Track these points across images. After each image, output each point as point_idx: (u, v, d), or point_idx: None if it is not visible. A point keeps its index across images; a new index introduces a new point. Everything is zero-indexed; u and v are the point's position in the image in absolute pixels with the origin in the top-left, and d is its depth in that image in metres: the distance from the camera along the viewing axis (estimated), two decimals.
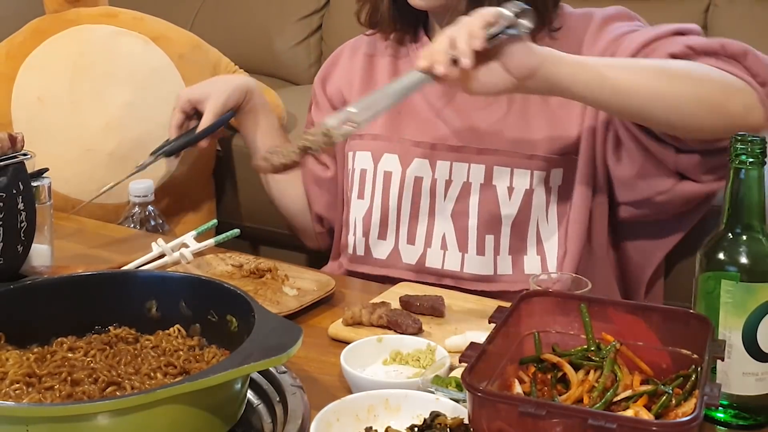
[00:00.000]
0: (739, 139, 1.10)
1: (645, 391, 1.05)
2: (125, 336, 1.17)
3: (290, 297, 1.45)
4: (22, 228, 1.42)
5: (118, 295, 1.21)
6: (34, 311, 1.17)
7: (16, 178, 1.40)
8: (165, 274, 1.34)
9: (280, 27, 3.21)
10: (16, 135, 1.43)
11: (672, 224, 1.63)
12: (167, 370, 1.09)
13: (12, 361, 1.09)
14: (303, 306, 1.41)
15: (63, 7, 2.47)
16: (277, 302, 1.42)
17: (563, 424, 0.93)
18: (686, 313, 1.13)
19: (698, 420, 0.92)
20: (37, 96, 2.29)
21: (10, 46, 2.40)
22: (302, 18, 3.21)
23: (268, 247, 2.60)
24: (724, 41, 1.50)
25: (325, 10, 3.23)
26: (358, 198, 1.72)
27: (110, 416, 0.93)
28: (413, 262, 1.66)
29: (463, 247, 1.63)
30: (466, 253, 1.62)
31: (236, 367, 0.97)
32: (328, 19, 3.20)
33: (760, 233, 1.11)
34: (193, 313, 1.19)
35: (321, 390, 1.19)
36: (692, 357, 1.09)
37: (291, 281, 1.50)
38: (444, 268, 1.64)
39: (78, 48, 2.36)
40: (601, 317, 1.15)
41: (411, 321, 1.33)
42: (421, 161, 1.65)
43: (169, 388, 0.95)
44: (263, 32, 3.21)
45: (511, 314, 1.13)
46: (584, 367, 1.09)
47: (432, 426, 1.02)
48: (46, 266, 1.55)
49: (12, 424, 0.93)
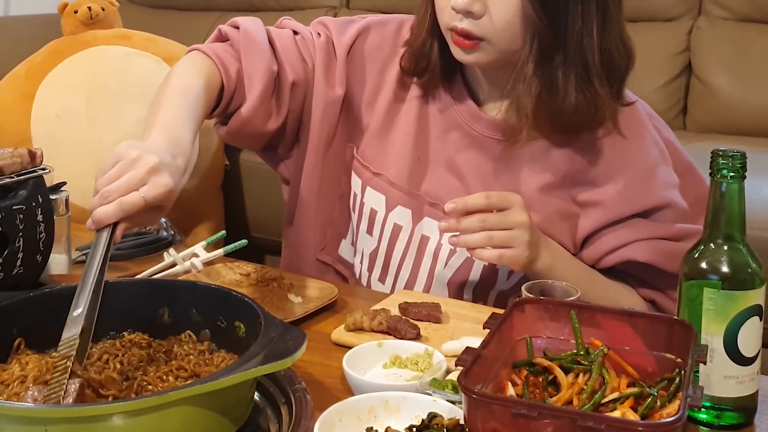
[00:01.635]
0: (720, 154, 1.10)
1: (631, 393, 1.05)
2: (139, 341, 1.17)
3: (295, 304, 1.44)
4: (41, 238, 1.42)
5: (132, 302, 1.20)
6: (53, 317, 1.16)
7: (36, 191, 1.40)
8: (177, 283, 1.34)
9: None
10: (35, 150, 1.43)
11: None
12: (178, 374, 1.09)
13: (31, 365, 1.08)
14: (307, 312, 1.41)
15: (80, 29, 2.48)
16: (282, 309, 1.42)
17: (554, 424, 0.93)
18: (670, 320, 1.13)
19: (682, 420, 0.92)
20: (55, 113, 2.30)
21: (30, 66, 2.41)
22: None
23: (275, 256, 2.60)
24: None
25: None
26: (367, 233, 1.62)
27: (125, 417, 0.93)
28: None
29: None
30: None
31: (244, 370, 0.97)
32: None
33: (740, 243, 1.11)
34: (203, 319, 1.18)
35: (324, 392, 1.18)
36: (676, 361, 1.09)
37: (296, 289, 1.49)
38: None
39: (94, 68, 2.37)
40: (589, 323, 1.14)
41: (409, 327, 1.33)
42: (431, 222, 1.56)
43: (180, 390, 0.95)
44: None
45: (504, 320, 1.13)
46: (574, 371, 1.09)
47: (429, 426, 1.02)
48: (63, 275, 1.55)
49: (31, 424, 0.93)
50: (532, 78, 1.44)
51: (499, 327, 1.11)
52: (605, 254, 1.53)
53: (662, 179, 1.53)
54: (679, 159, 1.61)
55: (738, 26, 2.82)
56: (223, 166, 2.53)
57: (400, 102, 1.61)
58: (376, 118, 1.61)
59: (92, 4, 2.49)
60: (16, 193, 1.39)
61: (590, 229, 1.53)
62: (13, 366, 1.09)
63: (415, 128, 1.58)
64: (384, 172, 1.59)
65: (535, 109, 1.45)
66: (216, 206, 2.52)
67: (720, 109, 2.72)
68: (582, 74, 1.43)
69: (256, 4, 3.50)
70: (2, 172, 1.38)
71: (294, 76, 1.59)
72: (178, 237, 1.82)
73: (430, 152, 1.58)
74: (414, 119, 1.59)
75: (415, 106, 1.59)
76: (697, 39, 2.85)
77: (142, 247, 1.69)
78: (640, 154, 1.52)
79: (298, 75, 1.60)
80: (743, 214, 1.11)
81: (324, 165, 1.64)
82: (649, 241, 1.51)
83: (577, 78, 1.43)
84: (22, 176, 1.40)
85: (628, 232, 1.51)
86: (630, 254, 1.52)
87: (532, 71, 1.43)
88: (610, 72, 1.45)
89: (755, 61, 2.73)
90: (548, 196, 1.53)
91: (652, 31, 2.87)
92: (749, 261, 1.11)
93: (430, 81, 1.57)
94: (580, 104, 1.43)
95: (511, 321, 1.14)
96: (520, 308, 1.16)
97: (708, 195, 1.12)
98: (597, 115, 1.46)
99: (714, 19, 2.86)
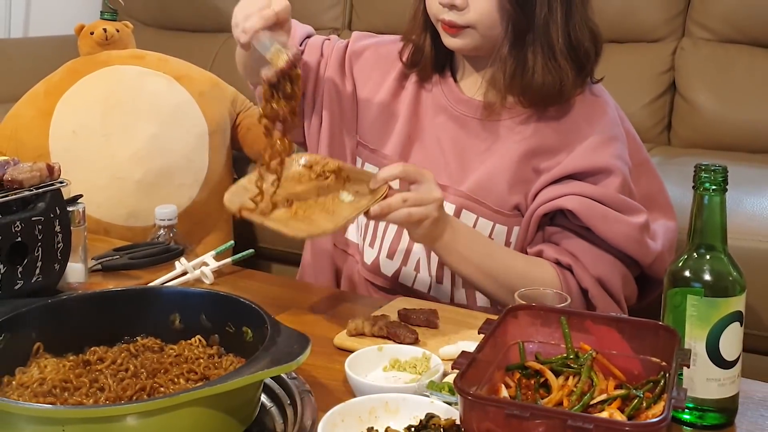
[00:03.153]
0: (703, 168, 1.11)
1: (618, 395, 1.05)
2: (151, 345, 1.17)
3: (345, 205, 1.42)
4: (58, 248, 1.42)
5: (145, 309, 1.21)
6: (70, 323, 1.17)
7: (54, 203, 1.41)
8: (187, 290, 1.34)
9: None
10: (53, 165, 1.44)
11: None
12: (189, 376, 1.09)
13: (50, 368, 1.09)
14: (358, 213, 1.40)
15: (95, 50, 2.49)
16: (333, 212, 1.41)
17: (545, 424, 0.94)
18: (656, 325, 1.13)
19: (667, 421, 0.92)
20: (72, 129, 2.31)
21: (48, 84, 2.42)
22: None
23: (281, 264, 2.60)
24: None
25: None
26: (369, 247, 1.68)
27: (138, 417, 0.93)
28: (389, 274, 1.64)
29: (431, 272, 1.61)
30: (432, 276, 1.61)
31: (251, 373, 0.97)
32: None
33: (721, 253, 1.11)
34: (213, 325, 1.18)
35: (327, 394, 1.18)
36: (661, 364, 1.09)
37: (351, 184, 1.47)
38: (413, 286, 1.62)
39: (109, 86, 2.37)
40: (579, 328, 1.15)
41: (408, 332, 1.33)
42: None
43: (191, 392, 0.95)
44: None
45: (498, 326, 1.13)
46: (564, 374, 1.09)
47: (427, 426, 1.02)
48: (80, 282, 1.55)
49: (50, 424, 0.93)
50: (507, 58, 1.55)
51: (493, 332, 1.11)
52: (542, 203, 1.55)
53: (615, 150, 1.57)
54: (637, 151, 1.66)
55: (720, 47, 2.82)
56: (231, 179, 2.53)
57: (399, 91, 1.70)
58: (377, 106, 1.69)
59: (107, 26, 2.50)
60: (35, 205, 1.39)
61: (539, 187, 1.57)
62: (32, 369, 1.10)
63: (409, 112, 1.67)
64: (380, 149, 1.67)
65: (509, 84, 1.56)
66: (225, 218, 2.52)
67: (703, 125, 2.72)
68: (548, 54, 1.53)
69: None
70: (22, 185, 1.38)
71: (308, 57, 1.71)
72: (188, 247, 1.82)
73: (421, 133, 1.66)
74: (409, 104, 1.68)
75: (411, 93, 1.68)
76: (680, 59, 2.85)
77: (154, 257, 1.69)
78: (600, 126, 1.58)
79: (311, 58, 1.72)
80: (725, 224, 1.11)
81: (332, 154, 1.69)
82: (583, 198, 1.53)
83: (544, 57, 1.53)
84: (40, 189, 1.40)
85: (568, 187, 1.54)
86: (562, 203, 1.53)
87: (507, 52, 1.54)
88: (575, 52, 1.54)
89: (736, 80, 2.74)
90: (516, 167, 1.58)
91: (639, 51, 2.87)
92: (730, 270, 1.11)
93: (423, 71, 1.67)
94: (546, 80, 1.53)
95: (505, 326, 1.15)
96: (513, 314, 1.17)
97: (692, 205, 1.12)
98: (562, 90, 1.55)
99: (697, 40, 2.86)
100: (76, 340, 1.16)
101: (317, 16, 3.42)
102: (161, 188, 2.30)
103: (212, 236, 2.45)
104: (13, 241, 1.34)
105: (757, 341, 1.92)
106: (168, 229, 1.86)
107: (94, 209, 2.19)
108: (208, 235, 2.45)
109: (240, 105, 2.56)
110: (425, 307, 1.44)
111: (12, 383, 1.07)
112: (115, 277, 1.63)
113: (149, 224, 2.02)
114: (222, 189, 2.49)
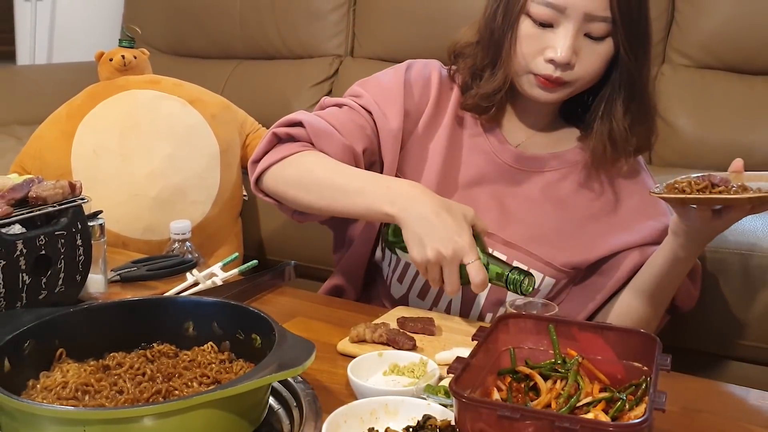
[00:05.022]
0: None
1: (603, 397, 1.06)
2: (167, 351, 1.17)
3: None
4: (80, 261, 1.42)
5: (161, 317, 1.21)
6: (91, 330, 1.17)
7: (75, 219, 1.41)
8: (200, 300, 1.34)
9: (296, 92, 3.23)
10: (75, 183, 1.44)
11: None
12: (202, 380, 1.10)
13: (72, 372, 1.09)
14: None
15: (114, 75, 2.49)
16: None
17: (534, 425, 0.94)
18: (638, 333, 1.14)
19: (648, 422, 0.92)
20: (92, 149, 2.30)
21: (70, 107, 2.42)
22: (315, 84, 3.23)
23: None
24: None
25: (334, 78, 3.25)
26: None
27: (154, 419, 0.94)
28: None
29: (464, 316, 1.56)
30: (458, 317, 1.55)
31: (260, 377, 0.97)
32: (337, 84, 3.23)
33: None
34: (224, 332, 1.19)
35: (331, 396, 1.18)
36: (642, 369, 1.10)
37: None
38: None
39: (127, 109, 2.38)
40: (566, 335, 1.15)
41: (406, 339, 1.34)
42: None
43: (204, 395, 0.95)
44: (282, 96, 3.22)
45: (490, 333, 1.13)
46: (552, 378, 1.10)
47: (424, 427, 1.02)
48: (100, 292, 1.55)
49: (72, 425, 0.93)
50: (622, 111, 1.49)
51: (486, 339, 1.11)
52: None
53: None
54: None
55: (697, 73, 2.83)
56: (241, 197, 2.53)
57: (436, 126, 1.60)
58: (414, 140, 1.59)
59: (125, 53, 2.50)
60: (58, 221, 1.39)
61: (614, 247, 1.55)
62: (55, 373, 1.10)
63: (445, 149, 1.57)
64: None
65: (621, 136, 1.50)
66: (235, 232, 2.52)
67: (682, 146, 2.72)
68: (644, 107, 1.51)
69: (268, 51, 3.51)
70: (46, 202, 1.39)
71: (363, 145, 1.54)
72: (201, 259, 1.82)
73: (456, 171, 1.58)
74: (445, 141, 1.58)
75: (448, 129, 1.58)
76: (661, 84, 2.85)
77: (169, 269, 1.69)
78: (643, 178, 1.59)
79: (364, 142, 1.55)
80: None
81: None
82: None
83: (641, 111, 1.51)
84: (63, 205, 1.40)
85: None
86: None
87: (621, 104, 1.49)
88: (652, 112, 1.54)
89: (712, 104, 2.74)
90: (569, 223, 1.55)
91: None
92: None
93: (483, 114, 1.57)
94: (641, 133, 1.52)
95: (497, 333, 1.15)
96: (504, 322, 1.17)
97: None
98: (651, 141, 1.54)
99: (676, 66, 2.87)
100: (96, 346, 1.16)
101: (321, 44, 3.42)
102: (176, 204, 2.30)
103: (223, 249, 2.45)
104: (38, 254, 1.34)
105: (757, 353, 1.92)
106: (182, 242, 1.86)
107: (113, 224, 2.19)
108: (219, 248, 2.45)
109: (249, 127, 2.56)
110: (422, 316, 1.44)
111: (37, 386, 1.07)
112: (133, 287, 1.64)
113: (165, 238, 2.02)
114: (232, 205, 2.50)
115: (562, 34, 1.42)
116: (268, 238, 2.63)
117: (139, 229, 2.27)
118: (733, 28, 2.77)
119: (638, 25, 1.45)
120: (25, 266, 1.32)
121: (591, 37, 1.43)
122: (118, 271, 1.66)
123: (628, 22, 1.42)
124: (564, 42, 1.42)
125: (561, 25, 1.42)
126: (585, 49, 1.44)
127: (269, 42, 3.51)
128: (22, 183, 1.40)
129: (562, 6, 1.41)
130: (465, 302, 1.56)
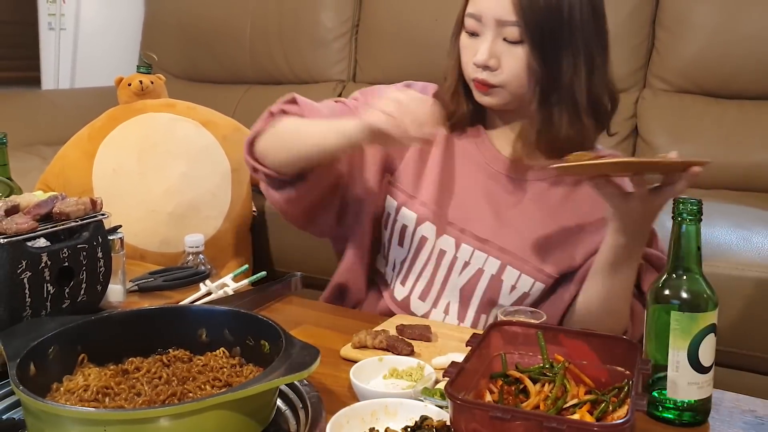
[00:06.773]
0: (681, 201, 1.11)
1: (588, 399, 1.06)
2: (181, 356, 1.17)
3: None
4: (100, 272, 1.42)
5: (176, 325, 1.21)
6: (110, 337, 1.17)
7: (96, 233, 1.41)
8: (212, 308, 1.34)
9: None
10: (96, 199, 1.44)
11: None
12: (214, 383, 1.10)
13: (93, 376, 1.09)
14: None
15: (132, 99, 2.50)
16: None
17: (524, 425, 0.94)
18: (620, 339, 1.14)
19: (630, 422, 0.92)
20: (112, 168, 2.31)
21: (91, 129, 2.43)
22: None
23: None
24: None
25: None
26: (399, 245, 1.61)
27: (170, 419, 0.94)
28: (419, 314, 1.58)
29: (461, 318, 1.57)
30: (462, 323, 1.56)
31: (268, 381, 0.97)
32: None
33: (697, 274, 1.11)
34: (235, 338, 1.18)
35: (334, 398, 1.18)
36: (625, 373, 1.10)
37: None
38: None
39: (144, 131, 2.39)
40: (553, 342, 1.15)
41: (405, 345, 1.33)
42: (449, 239, 1.55)
43: (216, 397, 0.95)
44: None
45: (483, 339, 1.13)
46: (540, 381, 1.10)
47: (422, 427, 1.02)
48: (119, 302, 1.55)
49: (93, 425, 0.93)
50: (535, 115, 1.49)
51: (479, 345, 1.12)
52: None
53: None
54: None
55: (676, 96, 2.84)
56: (251, 212, 2.54)
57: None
58: (411, 153, 1.61)
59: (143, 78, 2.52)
60: (80, 235, 1.39)
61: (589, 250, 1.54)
62: (77, 377, 1.10)
63: (441, 162, 1.59)
64: (417, 195, 1.59)
65: (537, 139, 1.50)
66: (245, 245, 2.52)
67: None
68: (573, 111, 1.47)
69: (276, 77, 3.52)
70: (69, 217, 1.39)
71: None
72: (213, 271, 1.82)
73: (453, 183, 1.59)
74: (441, 155, 1.59)
75: (443, 144, 1.60)
76: (642, 107, 2.87)
77: (184, 279, 1.69)
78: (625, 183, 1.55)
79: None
80: (700, 249, 1.12)
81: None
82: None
83: (569, 114, 1.47)
84: (85, 221, 1.41)
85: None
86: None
87: (535, 109, 1.49)
88: (596, 110, 1.49)
89: (690, 126, 2.75)
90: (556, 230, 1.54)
91: None
92: (705, 288, 1.11)
93: (456, 124, 1.58)
94: (570, 135, 1.47)
95: (489, 340, 1.15)
96: (496, 329, 1.17)
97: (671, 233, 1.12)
98: (584, 143, 1.50)
99: (656, 91, 2.88)
100: (116, 351, 1.16)
101: (325, 70, 3.44)
102: (190, 219, 2.31)
103: (234, 261, 2.45)
104: (61, 265, 1.34)
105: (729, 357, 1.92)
106: (195, 255, 1.86)
107: (131, 238, 2.19)
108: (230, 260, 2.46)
109: None
110: (420, 324, 1.44)
111: (60, 389, 1.07)
112: (150, 296, 1.63)
113: (179, 251, 2.02)
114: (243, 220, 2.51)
115: (482, 40, 1.47)
116: (276, 251, 2.63)
117: (155, 242, 2.27)
118: (709, 55, 2.78)
119: (556, 29, 1.44)
120: (50, 277, 1.33)
121: (509, 42, 1.46)
122: (136, 281, 1.66)
123: (539, 25, 1.43)
124: (483, 46, 1.46)
125: (482, 32, 1.47)
126: (505, 53, 1.46)
127: (277, 68, 3.53)
128: (46, 200, 1.40)
129: (478, 14, 1.46)
130: (462, 301, 1.57)
